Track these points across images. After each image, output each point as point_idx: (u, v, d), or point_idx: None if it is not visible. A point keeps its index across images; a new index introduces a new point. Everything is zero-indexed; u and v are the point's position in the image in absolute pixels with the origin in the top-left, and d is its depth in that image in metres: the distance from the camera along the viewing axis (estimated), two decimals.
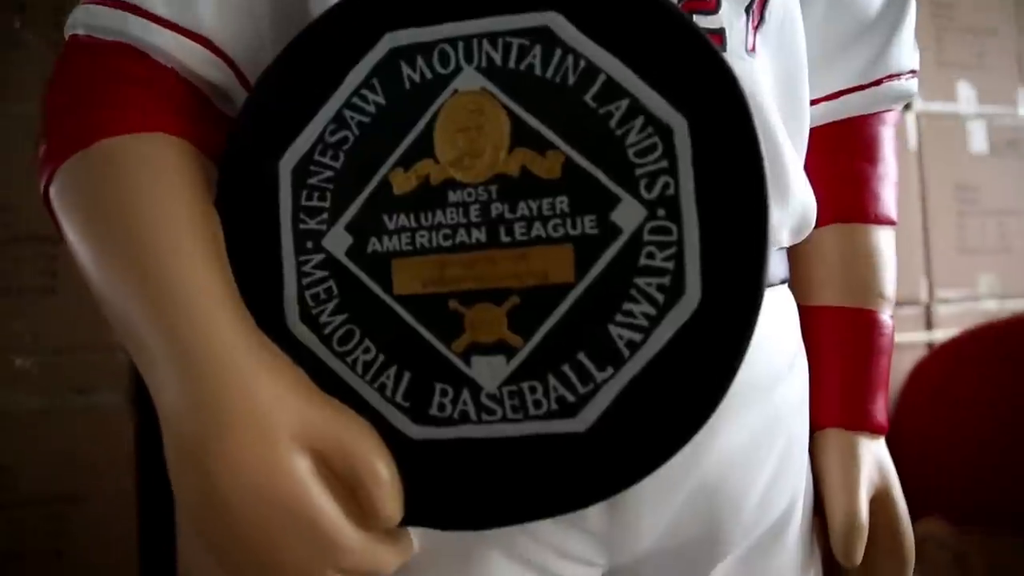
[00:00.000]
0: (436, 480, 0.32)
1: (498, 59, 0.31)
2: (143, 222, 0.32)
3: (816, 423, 0.41)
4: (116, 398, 0.88)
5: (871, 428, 0.42)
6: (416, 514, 0.32)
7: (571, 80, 0.30)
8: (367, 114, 0.32)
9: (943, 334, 0.96)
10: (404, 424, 0.32)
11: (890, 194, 0.45)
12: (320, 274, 0.32)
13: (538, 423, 0.30)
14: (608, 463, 0.30)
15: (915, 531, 0.76)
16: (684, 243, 0.29)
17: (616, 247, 0.30)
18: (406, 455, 0.32)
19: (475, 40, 0.31)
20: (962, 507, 0.74)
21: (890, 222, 0.44)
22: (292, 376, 0.32)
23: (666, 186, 0.29)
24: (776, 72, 0.37)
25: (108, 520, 0.87)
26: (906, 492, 0.42)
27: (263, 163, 0.33)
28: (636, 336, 0.30)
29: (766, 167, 0.29)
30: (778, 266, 0.39)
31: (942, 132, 1.06)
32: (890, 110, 0.45)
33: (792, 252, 0.42)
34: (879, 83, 0.43)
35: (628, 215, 0.30)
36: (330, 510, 0.31)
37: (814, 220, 0.40)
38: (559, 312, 0.30)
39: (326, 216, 0.32)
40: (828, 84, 0.43)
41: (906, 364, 0.93)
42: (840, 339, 0.42)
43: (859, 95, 0.43)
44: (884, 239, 0.44)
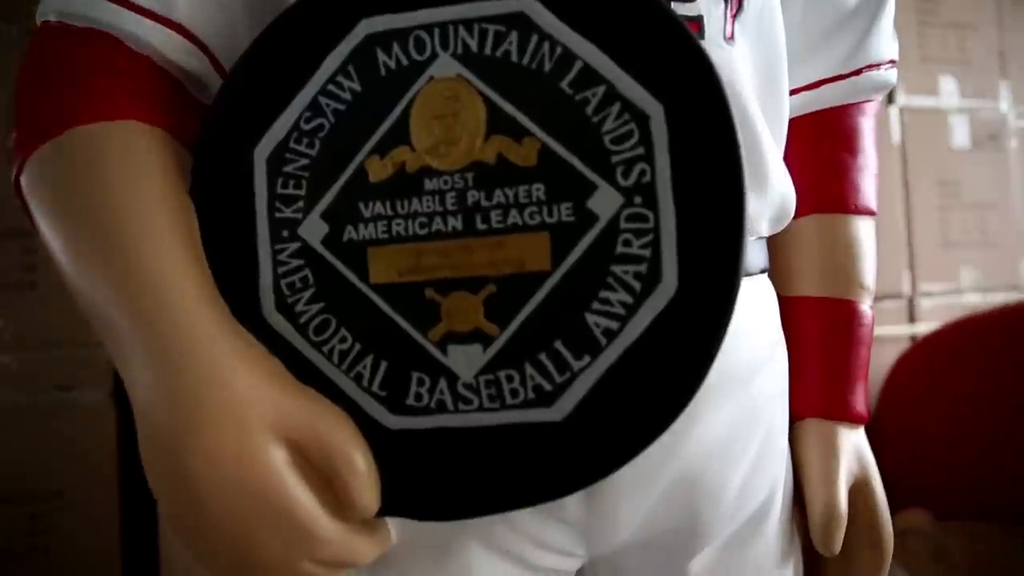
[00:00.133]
0: (413, 470, 0.31)
1: (474, 46, 0.31)
2: (115, 211, 0.32)
3: (796, 413, 0.41)
4: (98, 394, 0.88)
5: (851, 418, 0.42)
6: (393, 504, 0.32)
7: (547, 67, 0.30)
8: (343, 101, 0.32)
9: (926, 327, 0.97)
10: (381, 414, 0.31)
11: (870, 184, 0.45)
12: (296, 263, 0.32)
13: (515, 412, 0.30)
14: (585, 452, 0.30)
15: (897, 523, 0.77)
16: (661, 230, 0.29)
17: (593, 235, 0.30)
18: (383, 445, 0.31)
19: (451, 26, 0.31)
20: (944, 499, 0.74)
21: (870, 212, 0.44)
22: (268, 366, 0.31)
23: (642, 173, 0.29)
24: (755, 61, 0.37)
25: (90, 517, 0.87)
26: (888, 484, 0.42)
27: (238, 151, 0.33)
28: (613, 324, 0.29)
29: (743, 154, 0.29)
30: (757, 255, 0.39)
31: (925, 127, 1.06)
32: (870, 100, 0.45)
33: (772, 242, 0.42)
34: (859, 73, 0.43)
35: (605, 202, 0.30)
36: (306, 500, 0.30)
37: (793, 209, 0.39)
38: (536, 300, 0.30)
39: (302, 204, 0.32)
40: (808, 74, 0.43)
41: (889, 357, 0.93)
42: (820, 329, 0.42)
43: (839, 85, 0.43)
44: (864, 229, 0.44)
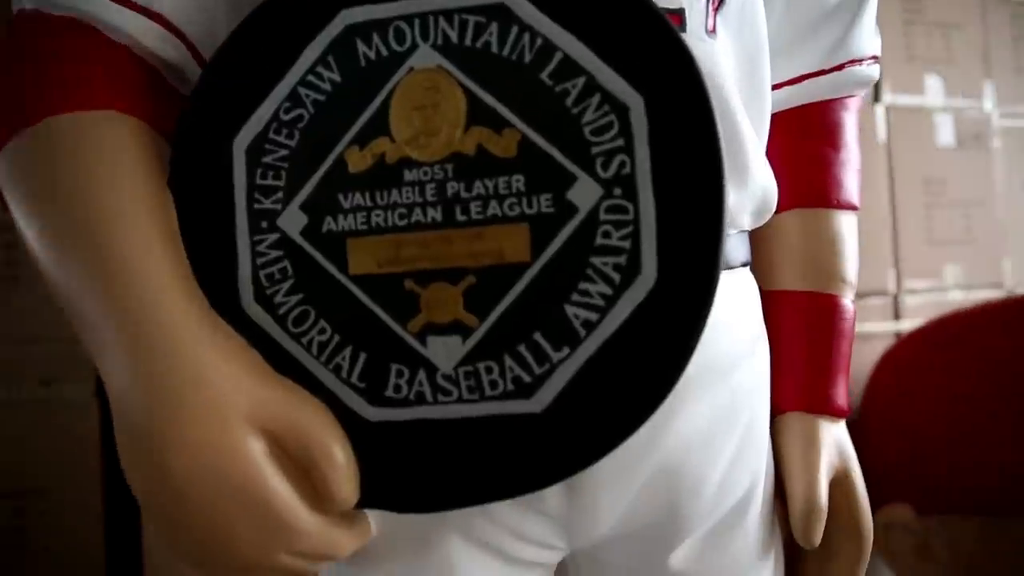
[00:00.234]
0: (392, 462, 0.31)
1: (454, 36, 0.31)
2: (92, 202, 0.31)
3: (777, 407, 0.41)
4: (81, 390, 0.87)
5: (832, 412, 0.42)
6: (372, 496, 0.32)
7: (528, 58, 0.30)
8: (322, 92, 0.32)
9: (911, 324, 0.97)
10: (360, 405, 0.31)
11: (853, 180, 0.45)
12: (275, 254, 0.32)
13: (494, 404, 0.30)
14: (564, 444, 0.30)
15: (880, 518, 0.78)
16: (640, 222, 0.29)
17: (572, 226, 0.30)
18: (362, 437, 0.31)
19: (431, 17, 0.31)
20: (927, 494, 0.75)
21: (852, 207, 0.44)
22: (246, 357, 0.31)
23: (622, 165, 0.29)
24: (737, 54, 0.37)
25: (73, 513, 0.86)
26: (873, 480, 0.43)
27: (217, 142, 0.33)
28: (592, 316, 0.29)
29: (722, 146, 0.29)
30: (739, 249, 0.39)
31: (910, 125, 1.07)
32: (852, 96, 0.45)
33: (754, 236, 0.42)
34: (841, 68, 0.43)
35: (584, 194, 0.29)
36: (284, 492, 0.30)
37: (775, 203, 0.40)
38: (515, 292, 0.30)
39: (281, 195, 0.32)
40: (790, 69, 0.43)
41: (875, 354, 0.94)
42: (801, 323, 0.42)
43: (821, 80, 0.43)
44: (846, 224, 0.44)
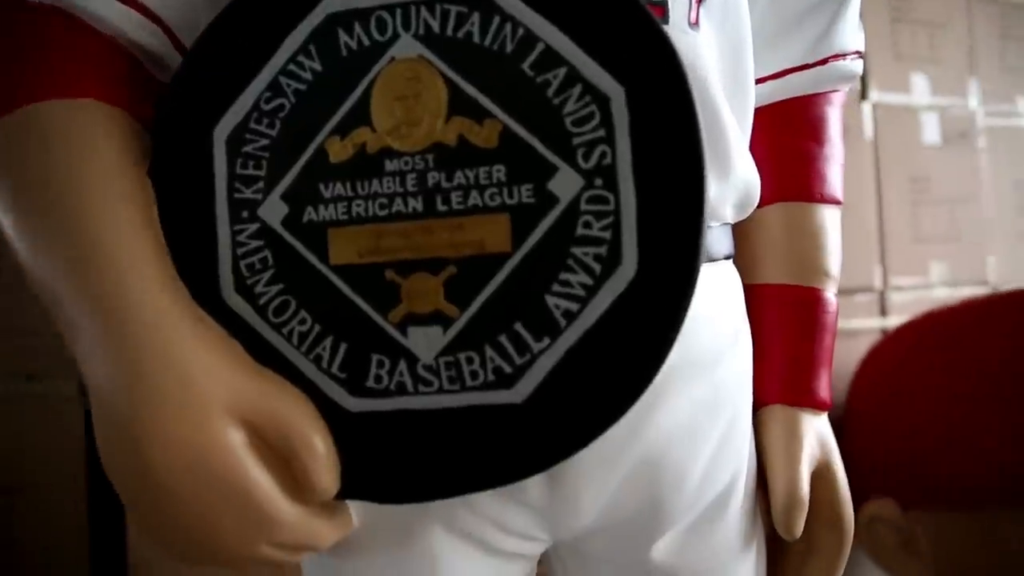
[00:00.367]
0: (373, 452, 0.31)
1: (436, 26, 0.31)
2: (70, 191, 0.31)
3: (760, 399, 0.41)
4: (66, 385, 0.86)
5: (814, 405, 0.42)
6: (353, 487, 0.32)
7: (509, 48, 0.30)
8: (303, 81, 0.32)
9: (897, 320, 0.98)
10: (340, 396, 0.31)
11: (836, 174, 0.45)
12: (255, 244, 0.32)
13: (475, 394, 0.30)
14: (545, 434, 0.30)
15: (865, 513, 0.78)
16: (621, 213, 0.29)
17: (553, 216, 0.30)
18: (342, 427, 0.31)
19: (413, 7, 0.31)
20: (911, 489, 0.75)
21: (836, 202, 0.45)
22: (226, 347, 0.31)
23: (603, 155, 0.29)
24: (720, 47, 0.37)
25: (58, 509, 0.85)
26: (859, 475, 0.43)
27: (197, 131, 0.32)
28: (573, 306, 0.29)
29: (703, 138, 0.29)
30: (722, 241, 0.39)
31: (897, 123, 1.07)
32: (836, 90, 0.46)
33: (737, 230, 0.42)
34: (824, 62, 0.43)
35: (565, 184, 0.30)
36: (264, 483, 0.30)
37: (758, 196, 0.40)
38: (496, 282, 0.30)
39: (262, 185, 0.32)
40: (774, 63, 0.43)
41: (861, 350, 0.94)
42: (784, 316, 0.43)
43: (805, 74, 0.44)
44: (830, 218, 0.44)
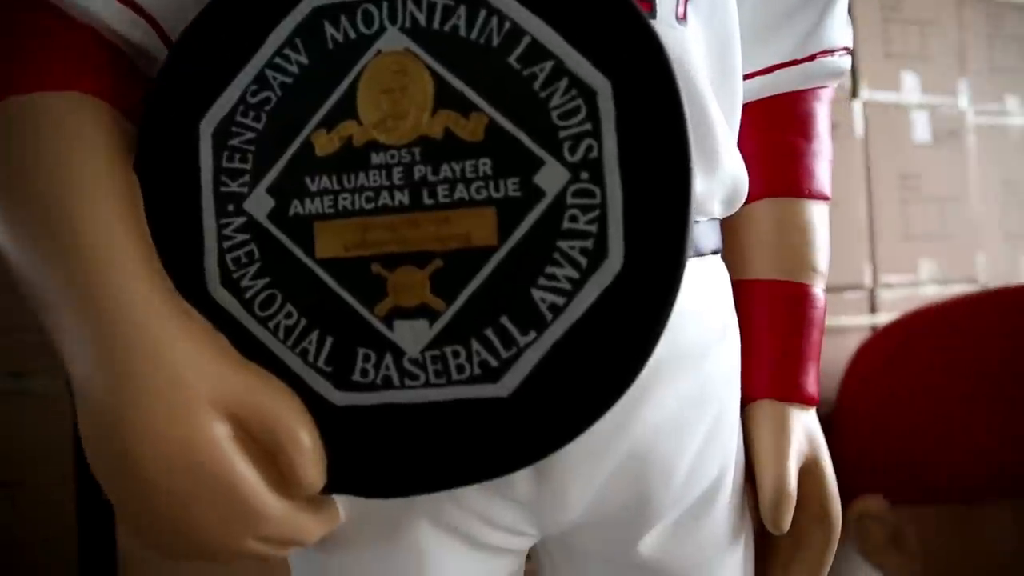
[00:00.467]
0: (359, 447, 0.31)
1: (422, 19, 0.30)
2: (55, 184, 0.31)
3: (748, 394, 0.42)
4: (53, 382, 0.86)
5: (802, 400, 0.42)
6: (339, 482, 0.32)
7: (495, 41, 0.30)
8: (290, 74, 0.31)
9: (886, 318, 0.98)
10: (326, 390, 0.31)
11: (824, 170, 0.45)
12: (241, 237, 0.32)
13: (461, 388, 0.30)
14: (531, 428, 0.30)
15: (854, 508, 0.78)
16: (607, 206, 0.29)
17: (539, 210, 0.30)
18: (329, 421, 0.31)
19: (399, 0, 0.31)
20: (899, 484, 0.76)
21: (823, 197, 0.45)
22: (211, 341, 0.31)
23: (589, 149, 0.29)
24: (708, 42, 0.37)
25: (47, 506, 0.85)
26: (848, 471, 0.43)
27: (183, 124, 0.32)
28: (559, 300, 0.29)
29: (690, 132, 0.29)
30: (709, 236, 0.39)
31: (887, 121, 1.08)
32: (824, 87, 0.46)
33: (725, 226, 0.42)
34: (812, 58, 0.44)
35: (551, 178, 0.30)
36: (250, 477, 0.30)
37: (745, 191, 0.40)
38: (482, 275, 0.30)
39: (248, 178, 0.32)
40: (762, 59, 0.43)
41: (851, 347, 0.94)
42: (772, 312, 0.43)
43: (792, 70, 0.44)
44: (818, 214, 0.44)
